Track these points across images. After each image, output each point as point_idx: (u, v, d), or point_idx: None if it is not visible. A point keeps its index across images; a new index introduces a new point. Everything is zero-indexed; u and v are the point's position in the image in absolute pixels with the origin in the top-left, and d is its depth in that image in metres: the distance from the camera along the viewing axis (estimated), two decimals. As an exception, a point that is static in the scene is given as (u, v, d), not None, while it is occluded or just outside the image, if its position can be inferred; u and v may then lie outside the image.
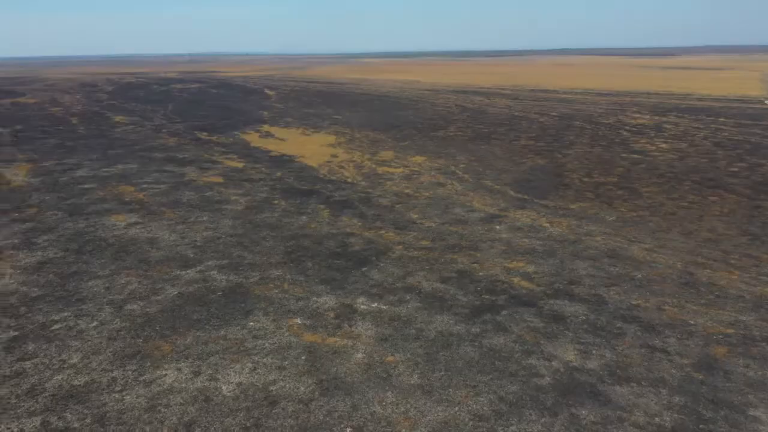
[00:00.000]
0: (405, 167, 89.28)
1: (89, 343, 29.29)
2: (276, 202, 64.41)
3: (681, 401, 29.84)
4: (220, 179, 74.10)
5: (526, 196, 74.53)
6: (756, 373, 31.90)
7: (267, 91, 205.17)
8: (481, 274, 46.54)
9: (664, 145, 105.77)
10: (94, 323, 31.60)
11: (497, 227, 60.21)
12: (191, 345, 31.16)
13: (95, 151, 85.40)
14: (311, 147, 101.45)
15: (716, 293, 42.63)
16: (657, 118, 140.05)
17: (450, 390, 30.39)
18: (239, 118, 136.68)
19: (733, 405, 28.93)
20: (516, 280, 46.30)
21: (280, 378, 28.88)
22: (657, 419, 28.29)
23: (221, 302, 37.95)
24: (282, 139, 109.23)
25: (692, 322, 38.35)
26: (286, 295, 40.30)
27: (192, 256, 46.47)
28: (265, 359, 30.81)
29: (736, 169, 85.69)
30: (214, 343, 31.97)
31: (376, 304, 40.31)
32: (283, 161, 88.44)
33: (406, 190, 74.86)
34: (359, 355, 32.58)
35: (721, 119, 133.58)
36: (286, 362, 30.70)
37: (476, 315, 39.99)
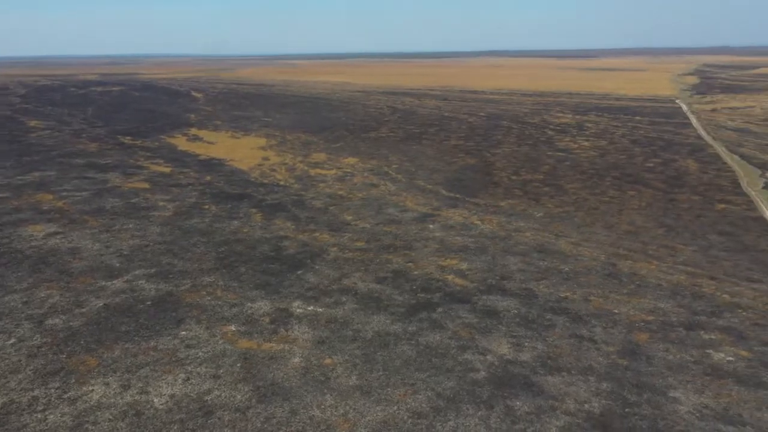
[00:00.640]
0: (338, 169, 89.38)
1: (6, 361, 27.48)
2: (206, 207, 62.75)
3: (608, 387, 31.28)
4: (146, 185, 71.44)
5: (457, 195, 76.15)
6: (675, 356, 33.81)
7: (194, 93, 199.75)
8: (416, 273, 47.13)
9: (586, 143, 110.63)
10: (12, 340, 29.68)
11: (431, 226, 61.19)
12: (119, 358, 29.75)
13: (8, 158, 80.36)
14: (241, 150, 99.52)
15: (637, 283, 44.92)
16: (579, 117, 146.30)
17: (389, 389, 30.60)
18: (165, 121, 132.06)
19: (655, 388, 30.56)
20: (450, 277, 47.23)
21: (215, 387, 28.02)
22: (586, 406, 29.52)
23: (151, 312, 36.42)
24: (211, 143, 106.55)
25: (616, 311, 40.26)
26: (220, 302, 39.15)
27: (118, 265, 44.36)
28: (198, 369, 29.78)
29: (651, 165, 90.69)
30: (144, 354, 30.62)
31: (312, 307, 40.09)
32: (212, 165, 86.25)
33: (340, 192, 74.93)
34: (296, 360, 32.19)
35: (637, 118, 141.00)
36: (221, 370, 29.81)
37: (412, 314, 40.52)
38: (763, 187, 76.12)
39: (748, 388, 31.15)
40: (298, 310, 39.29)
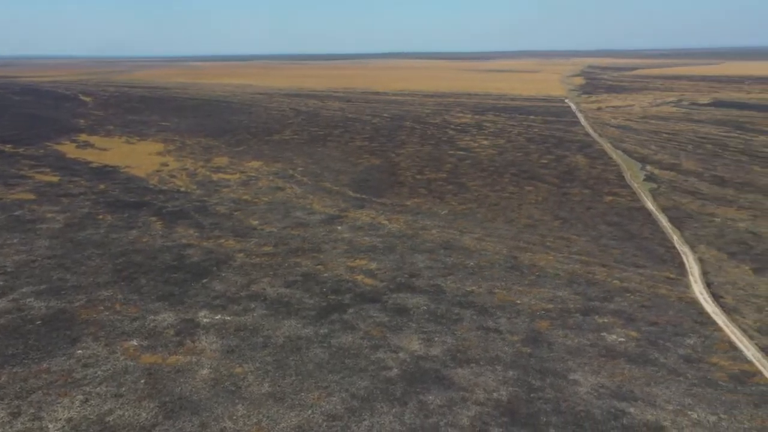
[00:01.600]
0: (242, 173, 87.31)
1: None
2: (101, 217, 59.24)
3: (514, 375, 32.69)
4: (31, 196, 66.39)
5: (364, 196, 76.69)
6: (573, 341, 35.88)
7: (82, 97, 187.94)
8: (325, 275, 46.97)
9: (485, 142, 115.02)
10: None
11: (339, 228, 61.22)
12: (7, 384, 27.61)
13: None
14: (138, 156, 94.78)
15: (537, 274, 47.27)
16: (478, 117, 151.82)
17: (302, 394, 30.28)
18: (51, 127, 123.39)
19: (557, 372, 32.28)
20: (360, 277, 47.49)
21: (118, 406, 26.57)
22: (495, 394, 30.69)
23: (41, 332, 33.97)
24: (104, 149, 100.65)
25: (519, 302, 42.15)
26: (119, 317, 37.16)
27: (2, 284, 41.08)
28: (98, 388, 28.14)
29: (546, 161, 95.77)
30: (35, 378, 28.58)
31: (219, 316, 38.91)
32: (106, 173, 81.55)
33: (245, 197, 73.24)
34: (205, 371, 31.13)
35: (532, 117, 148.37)
36: (123, 388, 28.31)
37: (323, 316, 40.35)
38: (644, 180, 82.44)
39: (638, 365, 33.60)
40: (204, 320, 38.00)
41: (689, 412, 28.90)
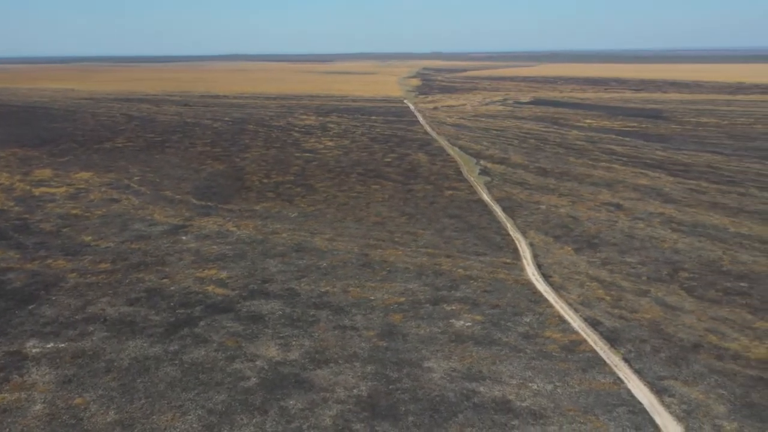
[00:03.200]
0: (69, 185, 79.52)
1: None
2: None
3: (372, 369, 33.46)
4: None
5: (210, 203, 73.71)
6: (425, 330, 37.57)
7: None
8: (172, 288, 44.47)
9: (330, 143, 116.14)
10: None
11: (184, 238, 58.24)
12: None
13: None
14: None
15: (388, 269, 48.79)
16: (321, 118, 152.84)
17: (154, 417, 28.40)
18: None
19: (412, 362, 33.61)
20: (210, 288, 45.62)
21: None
22: (355, 391, 31.19)
23: None
24: None
25: (372, 298, 43.21)
26: (-76, 358, 32.28)
27: None
28: None
29: (389, 160, 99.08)
30: None
31: (52, 344, 35.17)
32: None
33: (74, 211, 66.83)
34: (38, 407, 27.99)
35: (373, 117, 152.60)
36: (-65, 441, 24.67)
37: (173, 332, 38.17)
38: (479, 173, 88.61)
39: (484, 346, 36.07)
40: (34, 350, 34.14)
41: (530, 384, 31.63)
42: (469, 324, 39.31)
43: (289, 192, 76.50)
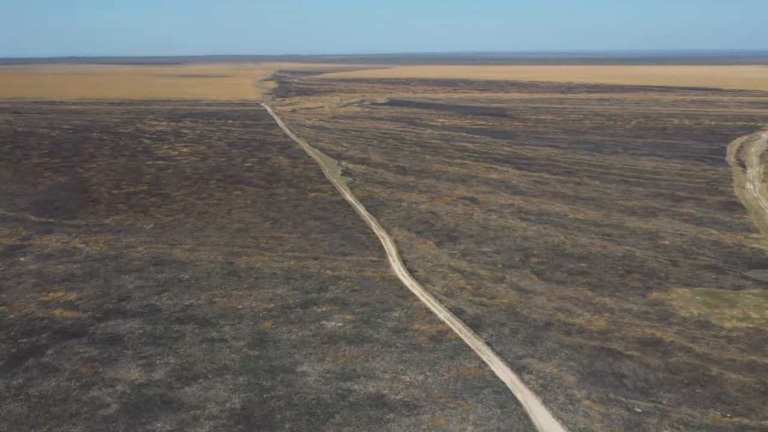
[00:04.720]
0: None
1: None
2: None
3: (245, 380, 32.55)
4: None
5: (51, 219, 67.22)
6: (297, 335, 37.26)
7: None
8: (12, 316, 40.00)
9: (185, 149, 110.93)
10: None
11: (22, 259, 52.60)
12: None
13: None
14: None
15: (255, 276, 47.69)
16: (174, 124, 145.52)
17: (-3, 462, 25.35)
18: None
19: (285, 368, 33.17)
20: (57, 312, 41.63)
21: None
22: (228, 404, 30.15)
23: None
24: None
25: (240, 307, 42.02)
26: None
27: None
28: None
29: (250, 164, 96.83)
30: None
31: None
32: None
33: None
34: None
35: (230, 121, 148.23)
36: None
37: (16, 364, 34.36)
38: (342, 174, 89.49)
39: (356, 345, 36.52)
40: None
41: (402, 377, 32.59)
42: (341, 324, 39.60)
43: (143, 202, 71.95)
